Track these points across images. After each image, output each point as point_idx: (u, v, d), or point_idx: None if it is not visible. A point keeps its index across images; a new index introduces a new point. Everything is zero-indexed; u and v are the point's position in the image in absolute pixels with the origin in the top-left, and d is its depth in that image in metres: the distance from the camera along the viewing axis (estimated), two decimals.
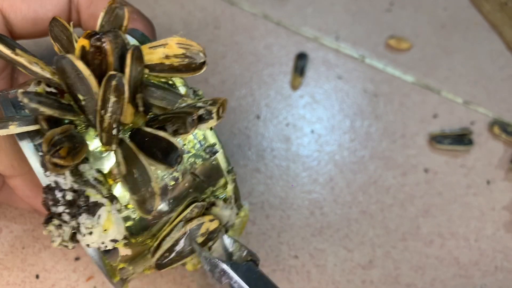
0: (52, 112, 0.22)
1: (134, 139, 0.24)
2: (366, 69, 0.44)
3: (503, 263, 0.37)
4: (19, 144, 0.24)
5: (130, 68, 0.23)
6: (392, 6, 0.47)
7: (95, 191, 0.23)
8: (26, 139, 0.23)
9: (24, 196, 0.29)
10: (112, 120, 0.23)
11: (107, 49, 0.23)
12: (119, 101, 0.23)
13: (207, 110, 0.24)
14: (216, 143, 0.26)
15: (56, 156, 0.21)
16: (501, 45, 0.46)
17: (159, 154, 0.23)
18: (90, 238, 0.23)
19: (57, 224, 0.23)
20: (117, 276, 0.26)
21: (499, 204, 0.39)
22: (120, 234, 0.24)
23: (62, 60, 0.22)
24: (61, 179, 0.23)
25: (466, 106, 0.43)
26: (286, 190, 0.38)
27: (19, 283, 0.33)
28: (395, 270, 0.36)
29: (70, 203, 0.23)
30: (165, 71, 0.25)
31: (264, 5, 0.46)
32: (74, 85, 0.23)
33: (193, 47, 0.25)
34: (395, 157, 0.40)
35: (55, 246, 0.24)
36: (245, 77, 0.42)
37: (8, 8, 0.27)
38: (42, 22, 0.28)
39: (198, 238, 0.26)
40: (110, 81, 0.22)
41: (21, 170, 0.27)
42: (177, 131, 0.24)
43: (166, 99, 0.25)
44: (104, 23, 0.25)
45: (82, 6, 0.29)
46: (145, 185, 0.23)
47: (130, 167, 0.23)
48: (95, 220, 0.23)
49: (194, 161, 0.26)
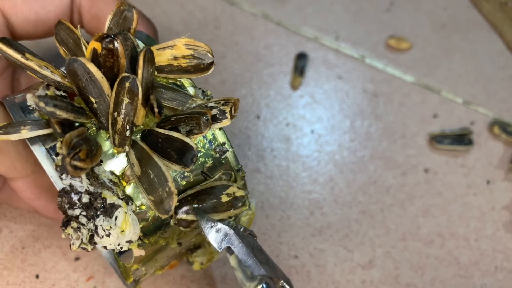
0: (67, 116, 0.22)
1: (146, 140, 0.24)
2: (366, 69, 0.44)
3: (503, 263, 0.37)
4: (30, 148, 0.24)
5: (142, 70, 0.23)
6: (392, 6, 0.47)
7: (111, 193, 0.23)
8: (37, 143, 0.23)
9: (26, 198, 0.29)
10: (126, 122, 0.23)
11: (120, 52, 0.23)
12: (133, 102, 0.23)
13: (221, 110, 0.24)
14: (226, 142, 0.26)
15: (77, 159, 0.21)
16: (501, 45, 0.46)
17: (174, 155, 0.23)
18: (108, 240, 0.23)
19: (76, 227, 0.23)
20: (131, 277, 0.27)
21: (499, 204, 0.39)
22: (135, 235, 0.24)
23: (74, 63, 0.22)
24: (76, 182, 0.23)
25: (466, 106, 0.43)
26: (286, 190, 0.38)
27: (19, 283, 0.33)
28: (395, 270, 0.36)
29: (87, 206, 0.23)
30: (173, 72, 0.25)
31: (264, 5, 0.46)
32: (86, 88, 0.23)
33: (201, 48, 0.26)
34: (395, 157, 0.40)
35: (74, 249, 0.23)
36: (245, 77, 0.42)
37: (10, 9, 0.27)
38: (44, 24, 0.28)
39: (223, 196, 0.25)
40: (124, 83, 0.22)
41: (24, 172, 0.27)
42: (191, 132, 0.24)
43: (176, 100, 0.25)
44: (112, 25, 0.25)
45: (84, 8, 0.29)
46: (162, 185, 0.23)
47: (144, 168, 0.23)
48: (112, 222, 0.23)
49: (204, 160, 0.26)
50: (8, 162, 0.26)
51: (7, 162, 0.26)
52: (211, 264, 0.35)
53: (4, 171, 0.26)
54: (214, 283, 0.34)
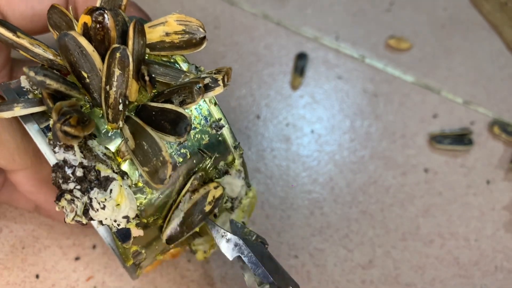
0: (58, 86, 0.22)
1: (140, 115, 0.24)
2: (366, 69, 0.44)
3: (503, 263, 0.37)
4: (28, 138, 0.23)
5: (133, 41, 0.23)
6: (392, 6, 0.47)
7: (105, 166, 0.23)
8: (31, 121, 0.23)
9: (27, 191, 0.29)
10: (118, 95, 0.23)
11: (110, 24, 0.23)
12: (124, 74, 0.22)
13: (213, 78, 0.24)
14: (222, 118, 0.26)
15: (67, 125, 0.21)
16: (501, 45, 0.46)
17: (167, 126, 0.23)
18: (103, 213, 0.23)
19: (70, 199, 0.23)
20: (130, 259, 0.26)
21: (499, 204, 0.39)
22: (132, 210, 0.24)
23: (65, 37, 0.22)
24: (70, 155, 0.23)
25: (466, 106, 0.43)
26: (286, 190, 0.38)
27: (19, 283, 0.33)
28: (395, 270, 0.36)
29: (81, 179, 0.23)
30: (166, 49, 0.25)
31: (264, 5, 0.46)
32: (78, 62, 0.23)
33: (192, 23, 0.26)
34: (395, 157, 0.40)
35: (69, 221, 0.23)
36: (245, 77, 0.42)
37: (6, 5, 0.27)
38: (40, 19, 0.28)
39: (206, 207, 0.26)
40: (114, 54, 0.22)
41: (23, 164, 0.27)
42: (184, 102, 0.24)
43: (169, 75, 0.25)
44: (103, 3, 0.25)
45: (79, 2, 0.29)
46: (156, 155, 0.23)
47: (138, 140, 0.23)
48: (107, 194, 0.23)
49: (201, 137, 0.26)
50: (7, 154, 0.26)
51: (6, 154, 0.26)
52: (211, 264, 0.35)
53: (3, 164, 0.26)
54: (214, 283, 0.34)
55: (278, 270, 0.25)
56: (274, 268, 0.25)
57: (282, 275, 0.25)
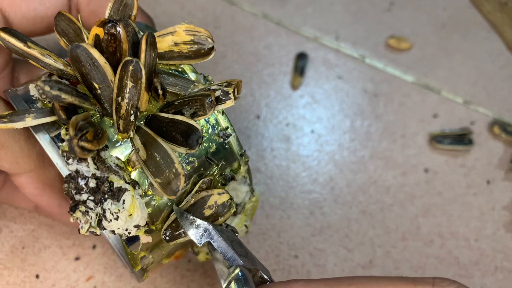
0: (72, 100, 0.22)
1: (150, 125, 0.24)
2: (366, 69, 0.44)
3: (503, 263, 0.37)
4: (33, 142, 0.23)
5: (145, 54, 0.23)
6: (392, 6, 0.47)
7: (118, 177, 0.23)
8: (41, 131, 0.23)
9: (30, 194, 0.29)
10: (130, 106, 0.23)
11: (122, 36, 0.23)
12: (136, 86, 0.23)
13: (224, 91, 0.25)
14: (229, 127, 0.26)
15: (84, 140, 0.21)
16: (501, 45, 0.46)
17: (179, 137, 0.23)
18: (116, 223, 0.23)
19: (84, 210, 0.23)
20: (138, 265, 0.27)
21: (499, 204, 0.39)
22: (143, 219, 0.24)
23: (77, 49, 0.22)
24: (83, 167, 0.23)
25: (466, 106, 0.43)
26: (286, 190, 0.38)
27: (19, 283, 0.33)
28: (395, 270, 0.36)
29: (94, 190, 0.23)
30: (174, 58, 0.26)
31: (264, 5, 0.46)
32: (90, 74, 0.23)
33: (201, 33, 0.26)
34: (395, 157, 0.40)
35: (83, 232, 0.23)
36: (245, 77, 0.42)
37: (8, 6, 0.27)
38: (42, 20, 0.28)
39: (205, 210, 0.26)
40: (127, 67, 0.22)
41: (27, 167, 0.27)
42: (195, 114, 0.24)
43: (178, 85, 0.25)
44: (113, 13, 0.25)
45: (82, 4, 0.29)
46: (169, 167, 0.23)
47: (150, 151, 0.23)
48: (120, 205, 0.23)
49: (208, 145, 0.26)
50: (11, 157, 0.26)
51: (10, 158, 0.26)
52: (211, 264, 0.35)
53: (7, 167, 0.26)
54: (214, 283, 0.34)
55: (248, 255, 0.25)
56: (243, 252, 0.25)
57: (252, 260, 0.25)
